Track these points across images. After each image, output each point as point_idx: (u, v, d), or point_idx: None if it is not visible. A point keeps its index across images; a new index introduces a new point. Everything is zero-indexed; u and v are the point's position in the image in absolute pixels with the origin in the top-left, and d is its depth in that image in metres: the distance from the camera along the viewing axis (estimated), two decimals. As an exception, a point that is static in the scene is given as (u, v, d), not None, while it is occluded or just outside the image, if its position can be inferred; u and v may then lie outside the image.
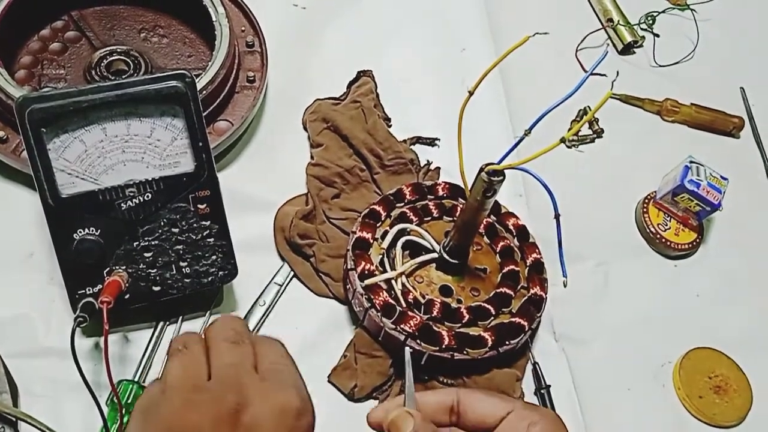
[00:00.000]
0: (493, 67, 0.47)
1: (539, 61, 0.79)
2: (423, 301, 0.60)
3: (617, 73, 0.46)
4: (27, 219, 0.62)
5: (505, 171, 0.50)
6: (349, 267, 0.61)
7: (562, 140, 0.45)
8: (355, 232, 0.63)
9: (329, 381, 0.60)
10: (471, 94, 0.48)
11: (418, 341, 0.58)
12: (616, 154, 0.79)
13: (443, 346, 0.58)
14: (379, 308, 0.59)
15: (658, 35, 0.88)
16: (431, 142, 0.75)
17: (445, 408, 0.47)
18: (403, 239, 0.62)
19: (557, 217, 0.51)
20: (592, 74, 0.45)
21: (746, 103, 0.86)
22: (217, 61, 0.66)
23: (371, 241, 0.63)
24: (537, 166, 0.47)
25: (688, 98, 0.83)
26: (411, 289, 0.60)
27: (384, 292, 0.59)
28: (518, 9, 0.87)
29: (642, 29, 0.88)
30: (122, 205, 0.54)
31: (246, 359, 0.42)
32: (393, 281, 0.60)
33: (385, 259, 0.62)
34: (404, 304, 0.59)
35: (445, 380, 0.60)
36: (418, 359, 0.59)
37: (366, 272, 0.60)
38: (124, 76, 0.69)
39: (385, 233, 0.63)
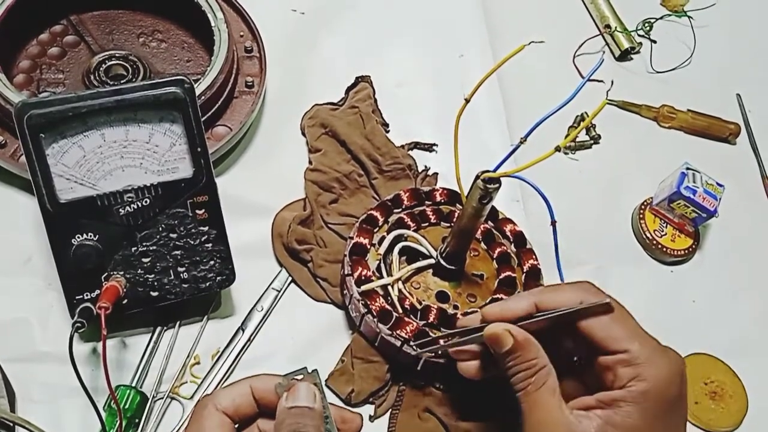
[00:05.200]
0: (488, 76, 0.47)
1: (537, 67, 0.79)
2: (419, 307, 0.60)
3: (612, 82, 0.46)
4: (25, 224, 0.63)
5: (502, 178, 0.50)
6: (346, 273, 0.61)
7: (557, 149, 0.45)
8: (352, 238, 0.63)
9: (326, 385, 0.60)
10: (467, 101, 0.48)
11: (414, 347, 0.58)
12: (613, 160, 0.79)
13: (439, 353, 0.58)
14: (375, 314, 0.59)
15: (655, 41, 0.89)
16: (429, 147, 0.75)
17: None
18: (400, 245, 0.62)
19: (553, 224, 0.51)
20: (589, 80, 0.45)
21: (742, 110, 0.86)
22: (215, 67, 0.66)
23: (368, 246, 0.63)
24: (534, 172, 0.48)
25: (684, 104, 0.83)
26: (407, 295, 0.60)
27: (380, 297, 0.60)
28: (516, 15, 0.87)
29: (639, 35, 0.89)
30: (120, 210, 0.54)
31: None
32: (390, 287, 0.60)
33: (382, 265, 0.62)
34: (401, 310, 0.59)
35: (440, 386, 0.60)
36: (414, 365, 0.59)
37: (363, 278, 0.60)
38: (122, 81, 0.69)
39: (382, 239, 0.63)
